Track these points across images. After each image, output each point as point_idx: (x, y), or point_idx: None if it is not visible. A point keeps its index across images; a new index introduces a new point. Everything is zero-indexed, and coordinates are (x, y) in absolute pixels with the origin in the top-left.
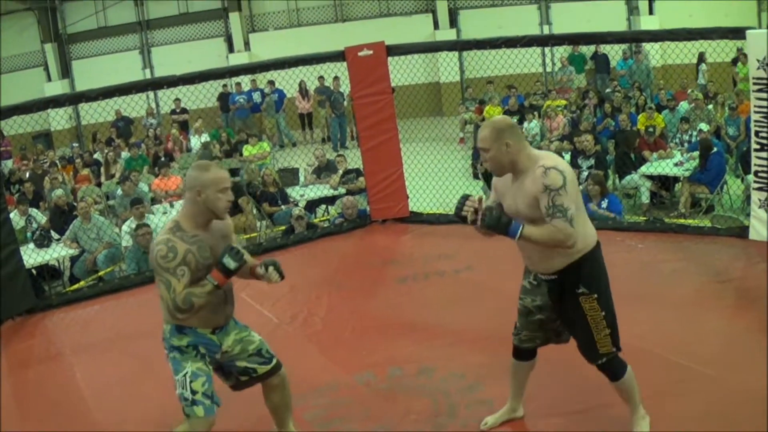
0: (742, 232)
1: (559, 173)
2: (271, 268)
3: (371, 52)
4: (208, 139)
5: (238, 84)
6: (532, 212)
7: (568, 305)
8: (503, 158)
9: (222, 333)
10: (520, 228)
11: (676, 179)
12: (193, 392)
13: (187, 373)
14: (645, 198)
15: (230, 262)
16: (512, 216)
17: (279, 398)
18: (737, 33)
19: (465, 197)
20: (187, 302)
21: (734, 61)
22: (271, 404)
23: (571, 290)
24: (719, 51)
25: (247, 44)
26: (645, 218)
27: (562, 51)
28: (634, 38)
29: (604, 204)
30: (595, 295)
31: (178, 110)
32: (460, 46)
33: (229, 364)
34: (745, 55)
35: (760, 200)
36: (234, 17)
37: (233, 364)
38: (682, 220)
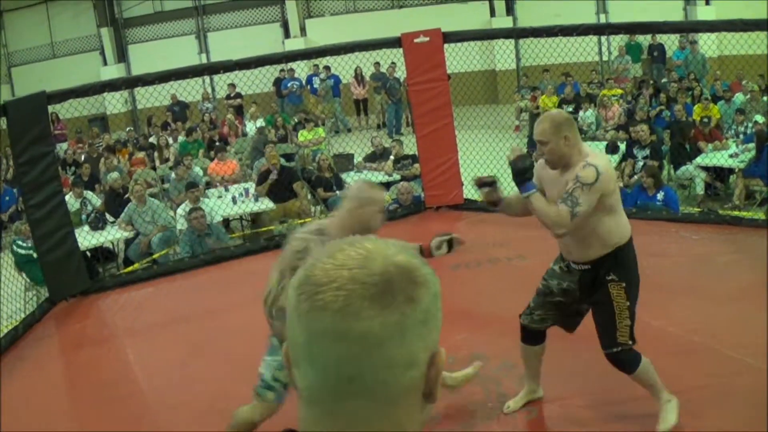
0: None
1: (595, 172)
2: (445, 245)
3: (427, 38)
4: (263, 124)
5: (291, 69)
6: None
7: (597, 291)
8: (561, 151)
9: None
10: (533, 191)
11: (730, 171)
12: (275, 379)
13: (278, 360)
14: (700, 189)
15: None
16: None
17: None
18: None
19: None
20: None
21: None
22: None
23: (602, 277)
24: None
25: (303, 30)
26: (699, 209)
27: (619, 40)
28: (692, 28)
29: (660, 196)
30: (624, 284)
31: (232, 95)
32: (517, 33)
33: None
34: None
35: None
36: (290, 3)
37: None
38: (736, 212)
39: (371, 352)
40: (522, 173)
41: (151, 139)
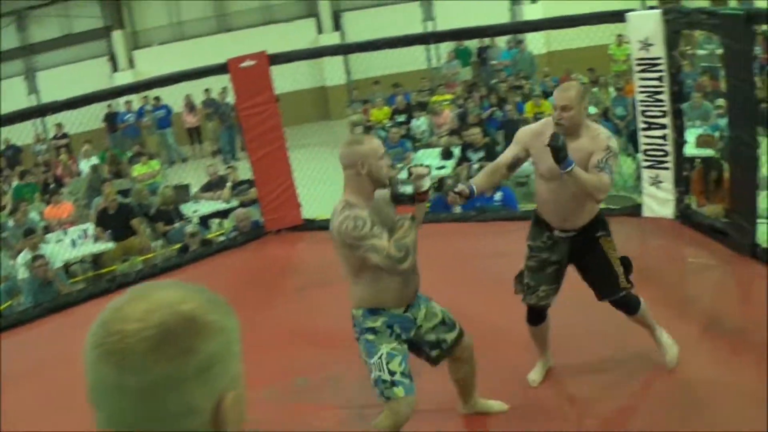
0: (636, 210)
1: (617, 143)
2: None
3: (254, 62)
4: (97, 161)
5: (128, 102)
6: None
7: (590, 248)
8: (580, 119)
9: (415, 308)
10: (573, 164)
11: None
12: (391, 373)
13: (381, 354)
14: None
15: (407, 189)
16: (549, 174)
17: (467, 369)
18: (617, 16)
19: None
20: (401, 247)
21: None
22: (459, 377)
23: (592, 236)
24: (600, 35)
25: (131, 62)
26: None
27: (446, 46)
28: (516, 29)
29: (498, 196)
30: (610, 237)
31: (59, 135)
32: (343, 50)
33: (419, 340)
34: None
35: (650, 177)
36: (117, 35)
37: (424, 339)
38: None
39: (147, 403)
40: (562, 150)
41: None
